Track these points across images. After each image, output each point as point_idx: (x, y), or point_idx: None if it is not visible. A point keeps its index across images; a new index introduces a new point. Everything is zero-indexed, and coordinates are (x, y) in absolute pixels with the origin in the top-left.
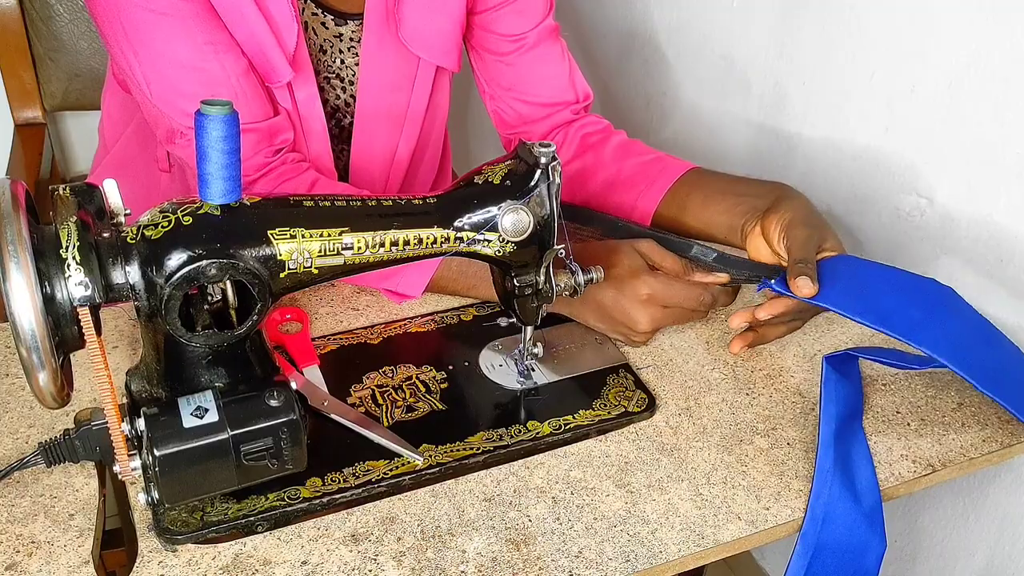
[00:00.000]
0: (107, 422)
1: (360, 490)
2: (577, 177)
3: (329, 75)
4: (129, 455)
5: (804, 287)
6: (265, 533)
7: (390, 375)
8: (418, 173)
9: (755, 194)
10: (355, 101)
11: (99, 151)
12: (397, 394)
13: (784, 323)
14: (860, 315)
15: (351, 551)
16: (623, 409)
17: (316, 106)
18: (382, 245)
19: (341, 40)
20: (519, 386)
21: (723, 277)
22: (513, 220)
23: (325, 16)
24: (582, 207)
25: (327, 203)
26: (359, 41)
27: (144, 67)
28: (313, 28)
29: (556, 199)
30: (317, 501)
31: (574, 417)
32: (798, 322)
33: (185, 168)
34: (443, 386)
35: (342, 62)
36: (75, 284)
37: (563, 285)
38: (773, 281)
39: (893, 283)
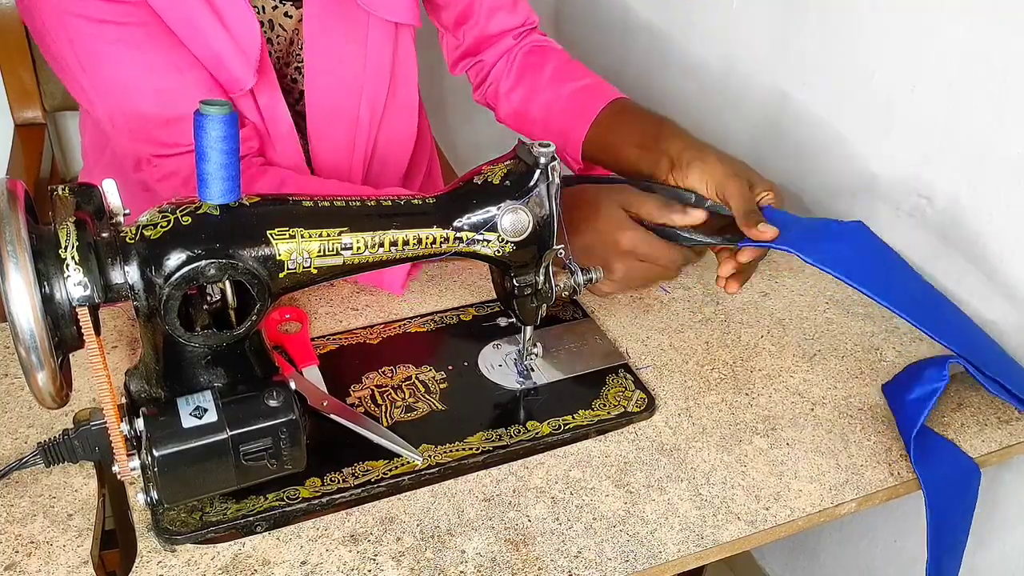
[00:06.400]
0: (106, 422)
1: (359, 490)
2: (519, 109)
3: (299, 64)
4: (128, 455)
5: (768, 232)
6: (264, 533)
7: (389, 375)
8: (382, 142)
9: (670, 148)
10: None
11: (82, 173)
12: (396, 394)
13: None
14: (813, 257)
15: (350, 551)
16: (622, 409)
17: (280, 107)
18: (381, 245)
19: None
20: (518, 386)
21: (701, 215)
22: (512, 220)
23: (284, 4)
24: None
25: (326, 203)
26: None
27: (105, 100)
28: (280, 24)
29: (555, 199)
30: (316, 501)
31: (573, 417)
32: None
33: (156, 196)
34: (442, 386)
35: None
36: (74, 284)
37: (563, 285)
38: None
39: (819, 228)
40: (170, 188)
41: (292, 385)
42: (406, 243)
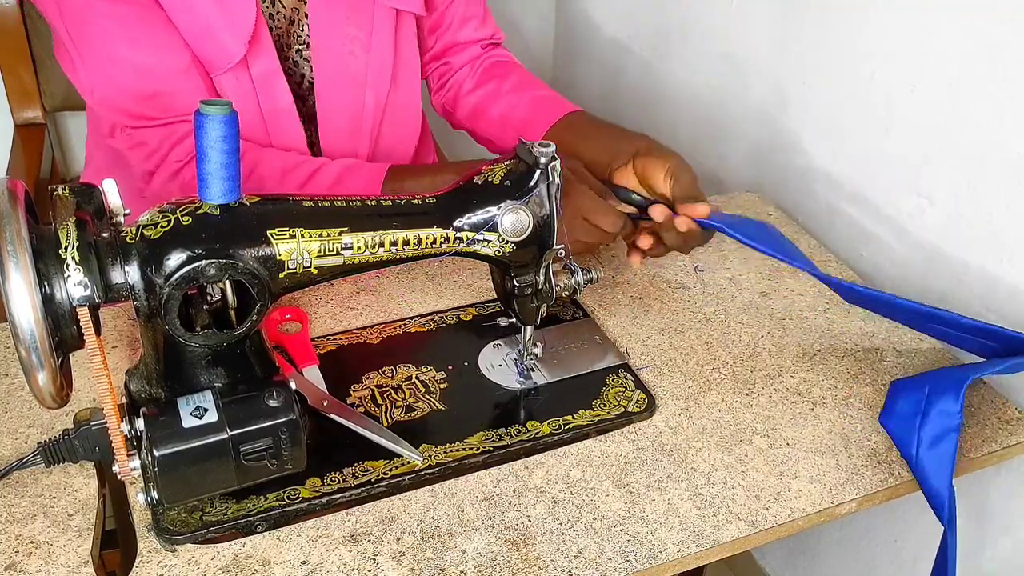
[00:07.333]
0: (106, 422)
1: (359, 490)
2: (478, 106)
3: (301, 47)
4: (128, 455)
5: (701, 208)
6: (264, 533)
7: (390, 375)
8: (385, 136)
9: (624, 142)
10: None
11: (85, 168)
12: (397, 394)
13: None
14: (746, 237)
15: (350, 551)
16: (623, 409)
17: (279, 81)
18: (381, 245)
19: (306, 4)
20: (519, 386)
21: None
22: (512, 220)
23: None
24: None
25: (326, 203)
26: None
27: (88, 69)
28: (280, 1)
29: (555, 199)
30: (316, 501)
31: (573, 417)
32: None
33: (126, 163)
34: (443, 386)
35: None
36: (74, 284)
37: (563, 285)
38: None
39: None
40: (138, 157)
41: (292, 385)
42: (406, 243)
